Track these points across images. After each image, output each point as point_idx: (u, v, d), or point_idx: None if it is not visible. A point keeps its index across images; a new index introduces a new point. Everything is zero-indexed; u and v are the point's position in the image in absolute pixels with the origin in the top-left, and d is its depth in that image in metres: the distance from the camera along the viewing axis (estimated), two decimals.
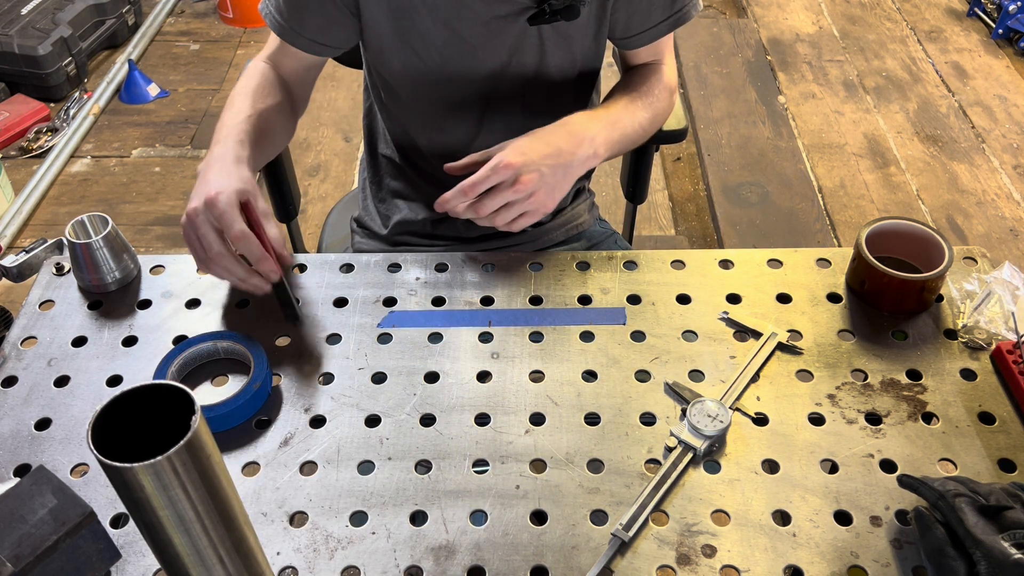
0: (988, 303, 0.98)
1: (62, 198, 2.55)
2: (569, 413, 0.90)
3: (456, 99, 1.16)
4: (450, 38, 1.08)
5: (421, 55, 1.10)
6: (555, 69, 1.14)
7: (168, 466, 0.54)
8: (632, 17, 1.12)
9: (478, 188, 0.95)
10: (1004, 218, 2.49)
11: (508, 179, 0.95)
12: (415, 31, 1.08)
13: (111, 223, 1.01)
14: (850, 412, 0.90)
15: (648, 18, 1.12)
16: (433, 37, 1.08)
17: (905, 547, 0.78)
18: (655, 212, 2.54)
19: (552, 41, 1.11)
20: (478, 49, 1.09)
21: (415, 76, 1.13)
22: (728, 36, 3.26)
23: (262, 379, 0.90)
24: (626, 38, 1.15)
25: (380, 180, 1.32)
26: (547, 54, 1.12)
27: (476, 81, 1.13)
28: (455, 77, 1.12)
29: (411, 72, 1.13)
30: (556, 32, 1.10)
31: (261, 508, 0.82)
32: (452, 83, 1.13)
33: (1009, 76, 3.05)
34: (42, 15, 2.92)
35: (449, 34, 1.08)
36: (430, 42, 1.09)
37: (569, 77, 1.16)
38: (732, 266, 1.07)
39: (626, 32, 1.14)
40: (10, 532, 0.69)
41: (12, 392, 0.92)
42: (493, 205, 0.96)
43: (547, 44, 1.11)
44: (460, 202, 0.96)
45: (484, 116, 1.17)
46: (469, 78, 1.13)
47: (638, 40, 1.14)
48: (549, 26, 1.08)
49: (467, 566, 0.77)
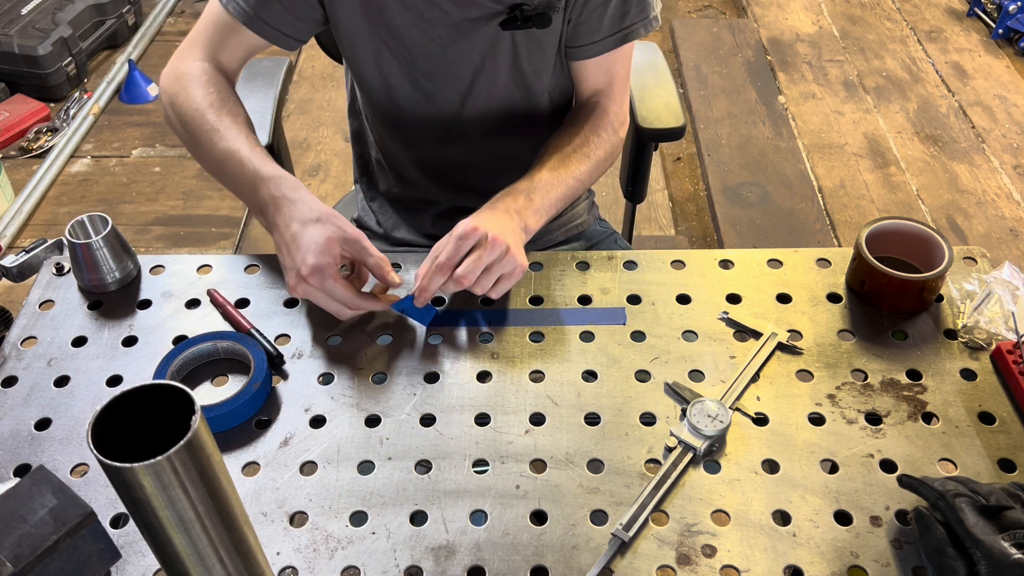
0: (988, 303, 0.98)
1: (62, 198, 2.55)
2: (569, 413, 0.90)
3: (426, 104, 1.14)
4: (420, 36, 1.07)
5: (393, 50, 1.09)
6: (527, 79, 1.13)
7: (168, 466, 0.54)
8: (580, 26, 1.09)
9: (453, 261, 0.93)
10: (1004, 218, 2.49)
11: (480, 241, 0.93)
12: (386, 26, 1.07)
13: (111, 223, 1.01)
14: (850, 412, 0.90)
15: (595, 31, 1.09)
16: (403, 33, 1.07)
17: (905, 547, 0.78)
18: (655, 212, 2.54)
19: (525, 48, 1.09)
20: (447, 50, 1.08)
21: (386, 72, 1.11)
22: (728, 36, 3.26)
23: (262, 379, 0.90)
24: (572, 47, 1.11)
25: (370, 180, 1.33)
26: (520, 62, 1.10)
27: (447, 84, 1.12)
28: (426, 76, 1.11)
29: (383, 68, 1.11)
30: (529, 39, 1.08)
31: (261, 508, 0.82)
32: (422, 83, 1.12)
33: (1009, 76, 3.05)
34: (42, 15, 2.92)
35: (419, 32, 1.07)
36: (399, 38, 1.07)
37: (540, 89, 1.15)
38: (732, 266, 1.07)
39: (572, 41, 1.11)
40: (10, 532, 0.69)
41: (12, 392, 0.92)
42: (475, 270, 0.92)
43: (520, 51, 1.09)
44: (439, 281, 0.93)
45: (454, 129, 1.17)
46: (439, 79, 1.11)
47: (583, 51, 1.11)
48: (523, 33, 1.07)
49: (467, 566, 0.77)
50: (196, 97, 1.02)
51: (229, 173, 0.98)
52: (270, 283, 1.04)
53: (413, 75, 1.11)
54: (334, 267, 0.91)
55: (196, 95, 1.02)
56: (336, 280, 0.91)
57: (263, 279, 1.05)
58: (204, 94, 1.02)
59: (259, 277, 1.05)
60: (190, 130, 1.02)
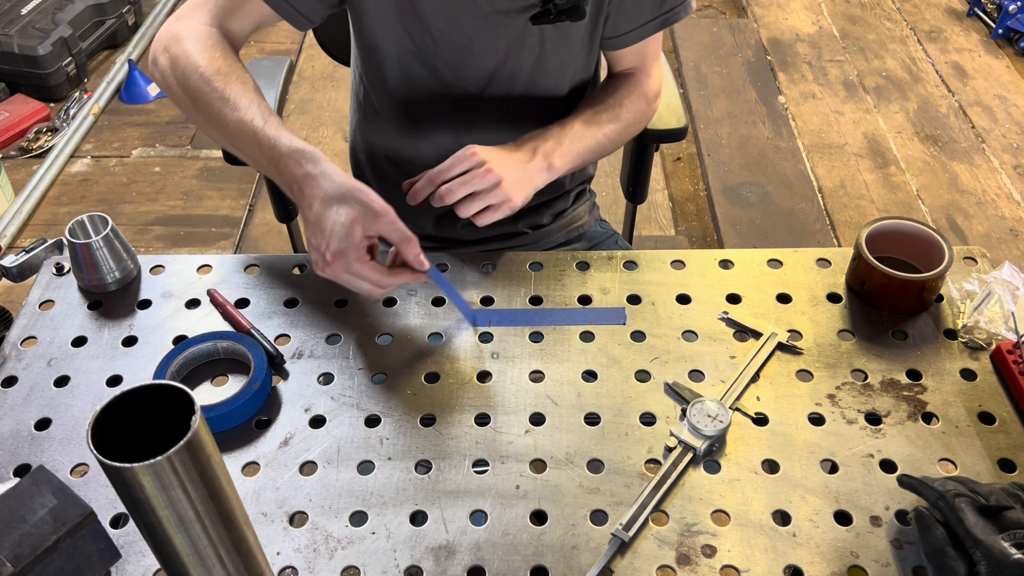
0: (988, 303, 0.98)
1: (62, 198, 2.55)
2: (569, 413, 0.90)
3: (444, 94, 1.14)
4: (447, 27, 1.07)
5: (416, 40, 1.08)
6: (550, 73, 1.13)
7: (168, 466, 0.54)
8: (621, 16, 1.11)
9: (444, 174, 0.96)
10: (1004, 218, 2.49)
11: (475, 165, 0.96)
12: (414, 13, 1.06)
13: (111, 223, 1.00)
14: (850, 412, 0.90)
15: (637, 16, 1.11)
16: (430, 23, 1.06)
17: (905, 547, 0.78)
18: (655, 212, 2.54)
19: (552, 43, 1.10)
20: (474, 42, 1.08)
21: (407, 60, 1.10)
22: (728, 36, 3.26)
23: (262, 379, 0.90)
24: (614, 37, 1.13)
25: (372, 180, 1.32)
26: (545, 56, 1.11)
27: (467, 78, 1.11)
28: (448, 66, 1.11)
29: (404, 55, 1.10)
30: (557, 33, 1.09)
31: (261, 508, 0.82)
32: (443, 72, 1.11)
33: (1009, 76, 3.05)
34: (42, 15, 2.91)
35: (447, 22, 1.06)
36: (426, 27, 1.07)
37: (562, 84, 1.15)
38: (732, 266, 1.07)
39: (614, 31, 1.12)
40: (10, 532, 0.69)
41: (12, 392, 0.92)
42: (460, 192, 0.96)
43: (547, 45, 1.10)
44: (427, 190, 0.97)
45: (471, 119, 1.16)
46: (461, 70, 1.11)
47: (624, 40, 1.13)
48: (552, 28, 1.07)
49: (467, 566, 0.77)
50: (200, 61, 0.95)
51: (243, 146, 0.94)
52: (270, 283, 1.04)
53: (434, 64, 1.10)
54: (358, 250, 0.88)
55: (200, 59, 0.95)
56: (361, 262, 0.88)
57: (263, 279, 1.05)
58: (209, 58, 0.96)
59: (259, 277, 1.05)
60: (194, 97, 0.95)
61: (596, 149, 1.10)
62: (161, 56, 0.99)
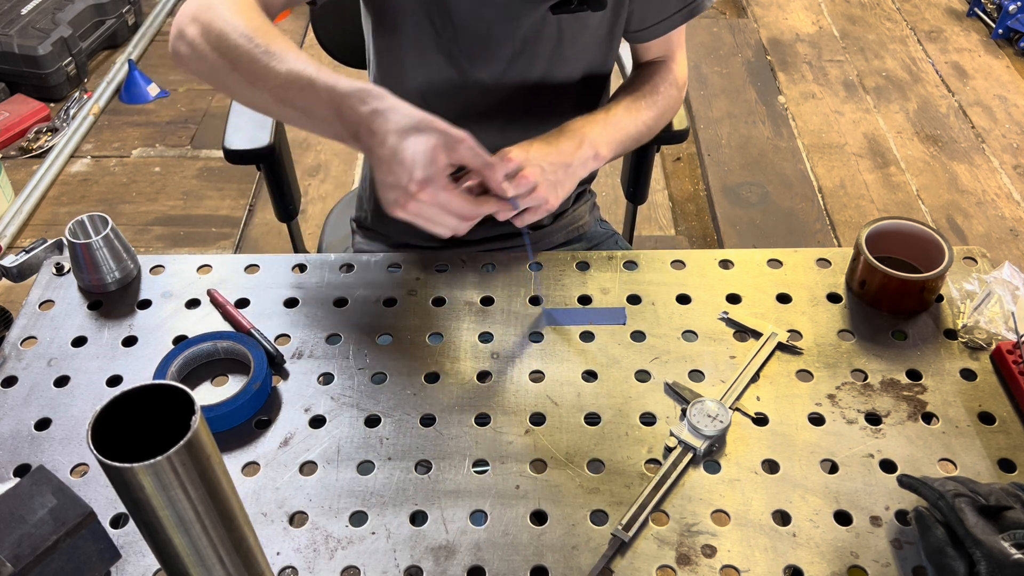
0: (988, 303, 0.98)
1: (62, 198, 2.55)
2: (569, 413, 0.90)
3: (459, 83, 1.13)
4: (469, 14, 1.06)
5: (437, 26, 1.07)
6: (565, 65, 1.13)
7: (168, 466, 0.54)
8: (648, 9, 1.12)
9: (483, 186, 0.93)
10: (1004, 218, 2.49)
11: (511, 173, 0.93)
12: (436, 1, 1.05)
13: (111, 223, 1.01)
14: (850, 412, 0.90)
15: (663, 8, 1.11)
16: (452, 9, 1.05)
17: (905, 547, 0.78)
18: (655, 212, 2.54)
19: (570, 32, 1.09)
20: (493, 30, 1.07)
21: (426, 47, 1.09)
22: (728, 36, 3.26)
23: (262, 379, 0.90)
24: (641, 30, 1.14)
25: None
26: (562, 47, 1.10)
27: (484, 65, 1.11)
28: (465, 54, 1.10)
29: (423, 42, 1.09)
30: (576, 23, 1.09)
31: (261, 508, 0.82)
32: (460, 60, 1.10)
33: (1009, 76, 3.05)
34: (42, 15, 2.91)
35: (469, 10, 1.06)
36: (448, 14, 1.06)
37: (579, 76, 1.15)
38: (732, 266, 1.07)
39: (641, 24, 1.13)
40: (10, 532, 0.69)
41: (12, 392, 0.92)
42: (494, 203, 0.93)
43: (564, 36, 1.09)
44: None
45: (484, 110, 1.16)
46: (478, 59, 1.10)
47: (652, 32, 1.14)
48: (571, 18, 1.07)
49: (467, 566, 0.77)
50: (239, 21, 0.90)
51: (295, 98, 0.87)
52: (270, 283, 1.04)
53: (451, 51, 1.10)
54: (444, 177, 0.83)
55: (238, 20, 0.90)
56: (449, 191, 0.84)
57: (263, 279, 1.05)
58: (248, 19, 0.91)
59: (259, 277, 1.05)
60: (235, 56, 0.89)
61: (636, 136, 1.11)
62: (189, 27, 0.94)
